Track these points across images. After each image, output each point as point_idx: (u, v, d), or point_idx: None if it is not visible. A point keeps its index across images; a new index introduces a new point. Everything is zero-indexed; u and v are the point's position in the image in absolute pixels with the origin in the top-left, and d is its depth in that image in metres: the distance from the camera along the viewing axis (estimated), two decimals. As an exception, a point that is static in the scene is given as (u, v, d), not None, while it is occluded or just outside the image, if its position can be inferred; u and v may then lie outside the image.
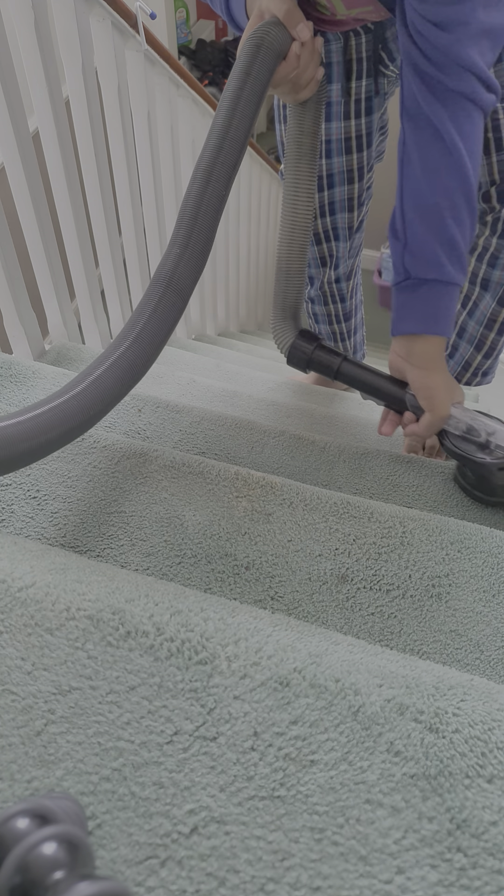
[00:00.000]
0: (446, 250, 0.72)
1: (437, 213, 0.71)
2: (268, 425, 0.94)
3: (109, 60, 1.29)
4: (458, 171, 0.69)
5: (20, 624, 0.42)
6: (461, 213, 0.71)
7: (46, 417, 0.56)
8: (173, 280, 0.67)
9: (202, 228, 0.68)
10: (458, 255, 0.72)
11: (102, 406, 0.61)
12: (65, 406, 0.58)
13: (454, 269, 0.73)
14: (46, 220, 1.17)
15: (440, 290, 0.74)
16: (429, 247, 0.72)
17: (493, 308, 0.92)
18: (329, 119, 0.95)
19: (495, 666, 0.60)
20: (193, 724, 0.39)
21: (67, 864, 0.28)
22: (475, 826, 0.35)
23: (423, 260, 0.72)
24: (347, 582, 0.65)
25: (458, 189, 0.70)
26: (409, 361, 0.78)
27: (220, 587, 0.64)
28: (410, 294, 0.74)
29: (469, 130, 0.68)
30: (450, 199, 0.70)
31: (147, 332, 0.65)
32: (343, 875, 0.34)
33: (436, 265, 0.72)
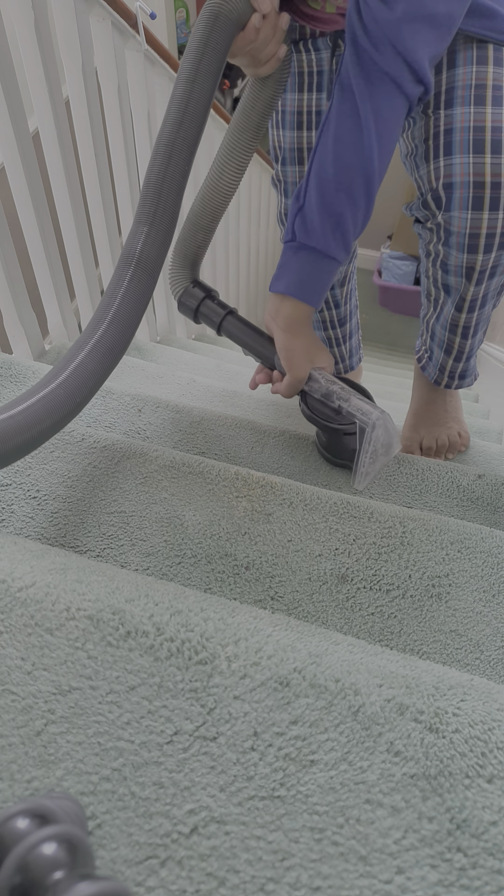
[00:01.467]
0: (331, 224, 0.73)
1: (333, 185, 0.71)
2: (268, 425, 0.94)
3: (109, 60, 1.29)
4: (362, 150, 0.69)
5: (20, 624, 0.42)
6: (356, 194, 0.71)
7: (37, 409, 0.56)
8: (142, 259, 0.67)
9: (166, 204, 0.69)
10: (343, 232, 0.73)
11: (87, 392, 0.62)
12: (53, 395, 0.58)
13: (335, 244, 0.74)
14: (46, 220, 1.17)
15: (317, 259, 0.75)
16: (319, 216, 0.72)
17: (452, 314, 0.93)
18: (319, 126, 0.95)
19: (495, 666, 0.60)
20: (193, 724, 0.39)
21: (67, 864, 0.28)
22: (475, 826, 0.35)
23: (310, 226, 0.73)
24: (347, 582, 0.65)
25: (359, 169, 0.70)
26: (275, 322, 0.81)
27: (220, 587, 0.64)
28: (292, 255, 0.76)
29: (387, 115, 0.68)
30: (348, 175, 0.70)
31: (121, 312, 0.65)
32: (343, 875, 0.34)
33: (319, 235, 0.73)
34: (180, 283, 0.91)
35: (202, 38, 0.67)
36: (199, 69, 0.67)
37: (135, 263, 0.67)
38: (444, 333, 0.97)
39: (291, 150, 0.98)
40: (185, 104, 0.68)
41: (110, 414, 0.95)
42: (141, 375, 1.21)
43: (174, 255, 0.92)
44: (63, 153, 1.18)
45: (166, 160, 0.68)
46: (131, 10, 1.30)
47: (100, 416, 0.95)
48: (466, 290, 0.87)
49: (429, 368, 1.06)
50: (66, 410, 0.59)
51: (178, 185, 0.69)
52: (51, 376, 0.60)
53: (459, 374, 1.04)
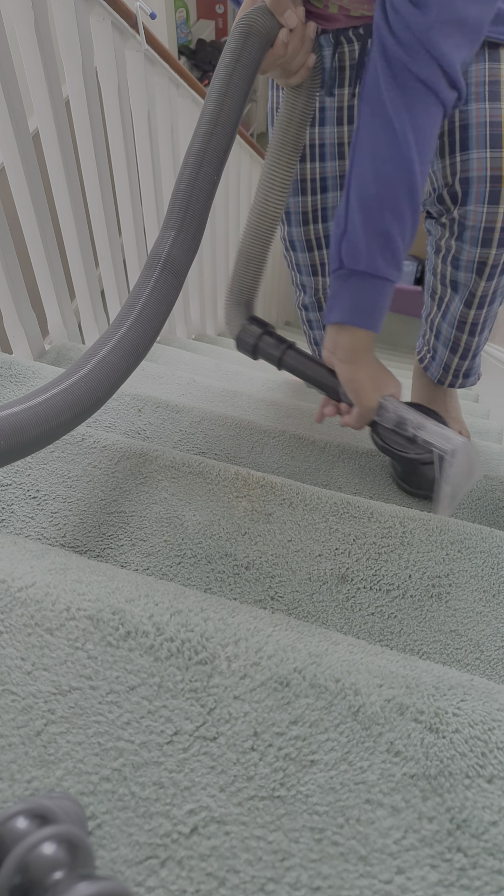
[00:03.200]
0: (380, 243, 0.71)
1: (376, 203, 0.69)
2: (268, 425, 0.94)
3: (109, 60, 1.29)
4: (404, 163, 0.68)
5: (20, 624, 0.42)
6: (401, 208, 0.70)
7: (57, 401, 0.56)
8: (168, 261, 0.67)
9: (194, 212, 0.69)
10: (392, 250, 0.71)
11: (109, 387, 0.61)
12: (74, 388, 0.58)
13: (385, 264, 0.72)
14: (46, 220, 1.17)
15: (369, 282, 0.73)
16: (363, 238, 0.71)
17: (461, 310, 0.92)
18: (323, 124, 0.95)
19: (495, 666, 0.60)
20: (193, 724, 0.39)
21: (67, 864, 0.28)
22: (475, 826, 0.35)
23: (356, 250, 0.72)
24: (347, 582, 0.65)
25: (402, 182, 0.69)
26: (335, 355, 0.79)
27: (220, 587, 0.64)
28: (341, 283, 0.74)
29: (423, 124, 0.67)
30: (392, 191, 0.69)
31: (147, 311, 0.65)
32: (343, 875, 0.34)
33: (367, 257, 0.71)
34: (236, 321, 0.89)
35: (234, 54, 0.68)
36: (230, 84, 0.68)
37: (161, 265, 0.67)
38: (451, 331, 0.97)
39: None
40: (216, 117, 0.68)
41: (110, 414, 0.95)
42: (141, 375, 1.21)
43: (228, 293, 0.90)
44: (63, 153, 1.18)
45: (196, 169, 0.69)
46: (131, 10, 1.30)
47: (100, 416, 0.95)
48: (477, 286, 0.87)
49: (432, 368, 1.06)
50: (87, 404, 0.59)
51: (206, 193, 0.70)
52: (73, 369, 0.60)
53: (464, 373, 1.04)
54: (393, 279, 0.74)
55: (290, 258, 1.13)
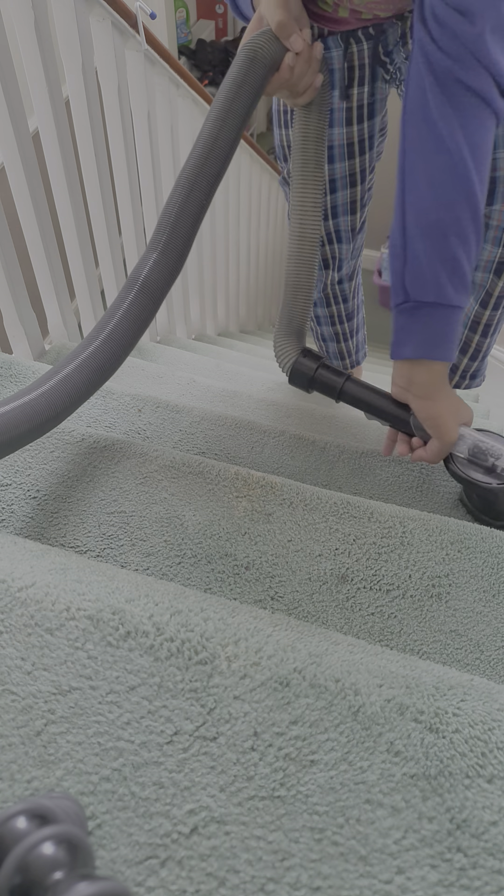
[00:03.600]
0: (448, 271, 0.68)
1: (439, 230, 0.66)
2: (268, 425, 0.94)
3: (109, 60, 1.29)
4: (464, 185, 0.65)
5: (20, 624, 0.42)
6: (466, 231, 0.67)
7: (14, 415, 0.58)
8: (146, 284, 0.67)
9: (179, 235, 0.69)
10: (461, 275, 0.68)
11: (70, 403, 0.62)
12: (34, 403, 0.60)
13: (455, 292, 0.69)
14: (46, 220, 1.17)
15: (440, 313, 0.70)
16: (429, 267, 0.68)
17: (475, 310, 0.92)
18: (331, 125, 0.94)
19: (495, 666, 0.60)
20: (193, 724, 0.39)
21: (67, 864, 0.28)
22: (475, 826, 0.35)
23: (422, 281, 0.68)
24: (347, 582, 0.65)
25: (464, 204, 0.66)
26: (411, 391, 0.75)
27: (220, 587, 0.64)
28: (409, 317, 0.71)
29: (479, 140, 0.65)
30: (454, 215, 0.66)
31: (117, 332, 0.66)
32: (343, 875, 0.34)
33: (435, 286, 0.68)
34: (288, 354, 0.85)
35: (237, 79, 0.68)
36: (230, 109, 0.68)
37: (138, 288, 0.67)
38: (464, 331, 0.96)
39: None
40: (213, 142, 0.68)
41: (110, 414, 0.95)
42: (141, 375, 1.21)
43: (279, 324, 0.88)
44: (63, 153, 1.18)
45: (186, 193, 0.68)
46: (131, 10, 1.30)
47: (100, 416, 0.95)
48: (494, 286, 0.86)
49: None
50: (45, 418, 0.60)
51: (194, 217, 0.69)
52: (36, 384, 0.62)
53: (472, 374, 1.04)
54: (464, 306, 0.70)
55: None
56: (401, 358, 0.73)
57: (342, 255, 1.12)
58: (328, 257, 1.12)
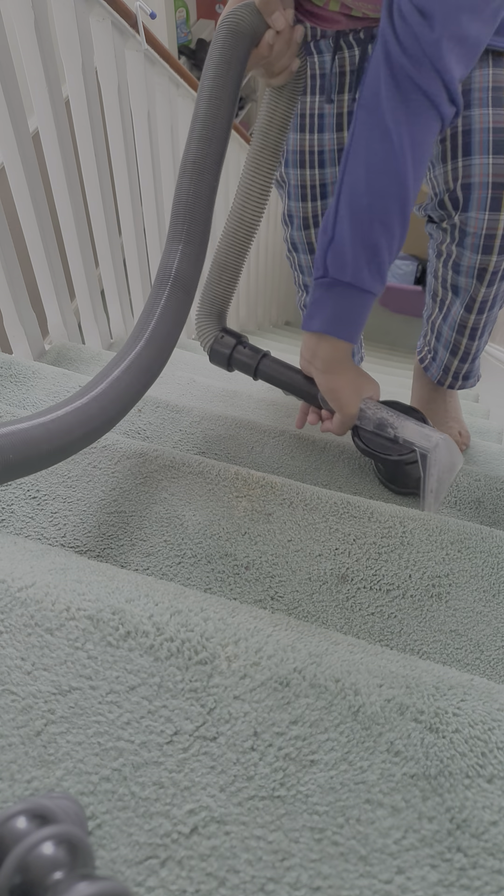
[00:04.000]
0: (367, 255, 0.70)
1: (367, 215, 0.68)
2: (268, 425, 0.94)
3: (109, 60, 1.29)
4: (398, 177, 0.66)
5: (20, 624, 0.42)
6: (391, 221, 0.68)
7: (69, 419, 0.57)
8: (178, 276, 0.67)
9: (198, 222, 0.68)
10: (379, 262, 0.70)
11: (121, 407, 0.62)
12: (86, 408, 0.58)
13: (371, 277, 0.70)
14: (46, 220, 1.17)
15: (352, 294, 0.72)
16: (352, 248, 0.69)
17: (461, 314, 0.92)
18: (322, 130, 0.95)
19: (495, 666, 0.60)
20: (193, 724, 0.39)
21: (67, 864, 0.28)
22: (475, 826, 0.35)
23: (342, 260, 0.70)
24: (347, 582, 0.65)
25: (395, 195, 0.67)
26: (314, 364, 0.78)
27: (220, 587, 0.64)
28: (324, 292, 0.73)
29: (421, 139, 0.66)
30: (384, 203, 0.68)
31: (159, 330, 0.65)
32: (343, 875, 0.34)
33: (353, 268, 0.70)
34: (209, 332, 0.88)
35: (221, 55, 0.67)
36: (221, 86, 0.67)
37: (172, 281, 0.67)
38: (451, 334, 0.97)
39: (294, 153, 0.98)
40: (212, 121, 0.68)
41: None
42: (141, 375, 1.21)
43: (200, 304, 0.89)
44: (63, 153, 1.18)
45: (196, 177, 0.68)
46: (131, 10, 1.30)
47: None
48: (477, 292, 0.87)
49: (432, 369, 1.06)
50: (98, 423, 0.59)
51: (208, 200, 0.69)
52: (86, 389, 0.60)
53: (464, 375, 1.04)
54: (376, 293, 0.73)
55: (293, 259, 1.14)
56: (309, 329, 0.76)
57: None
58: None
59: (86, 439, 0.58)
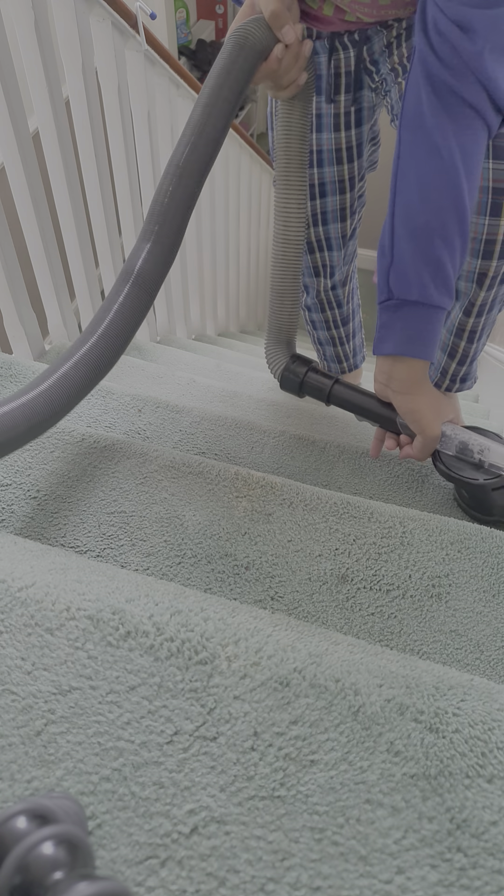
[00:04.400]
0: (431, 272, 0.69)
1: (426, 232, 0.68)
2: (268, 425, 0.94)
3: (109, 60, 1.29)
4: (453, 191, 0.66)
5: (20, 624, 0.42)
6: (451, 236, 0.68)
7: (14, 415, 0.58)
8: (140, 275, 0.67)
9: (171, 224, 0.69)
10: (444, 277, 0.70)
11: (68, 402, 0.63)
12: (32, 403, 0.60)
13: (438, 293, 0.70)
14: (46, 220, 1.17)
15: (422, 312, 0.71)
16: (414, 267, 0.69)
17: (460, 318, 0.92)
18: (319, 129, 0.95)
19: (495, 666, 0.60)
20: (193, 724, 0.39)
21: (67, 864, 0.28)
22: (475, 826, 0.35)
23: (406, 280, 0.70)
24: (347, 582, 0.65)
25: (451, 210, 0.67)
26: (391, 387, 0.76)
27: (220, 587, 0.64)
28: (392, 314, 0.72)
29: (471, 150, 0.66)
30: (441, 219, 0.68)
31: (113, 327, 0.65)
32: (343, 875, 0.34)
33: (419, 286, 0.70)
34: (278, 359, 0.87)
35: (225, 65, 0.67)
36: (219, 96, 0.67)
37: (133, 280, 0.67)
38: (450, 337, 0.97)
39: None
40: (201, 128, 0.67)
41: (110, 414, 0.95)
42: (141, 375, 1.21)
43: (268, 333, 0.89)
44: (63, 153, 1.18)
45: (175, 181, 0.68)
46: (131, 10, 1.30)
47: (100, 416, 0.95)
48: (476, 296, 0.87)
49: (430, 371, 1.06)
50: (45, 417, 0.60)
51: (185, 206, 0.69)
52: (34, 384, 0.62)
53: (461, 378, 1.04)
54: (445, 307, 0.72)
55: None
56: (382, 354, 0.75)
57: (333, 263, 1.13)
58: (319, 265, 1.12)
59: (30, 434, 0.60)
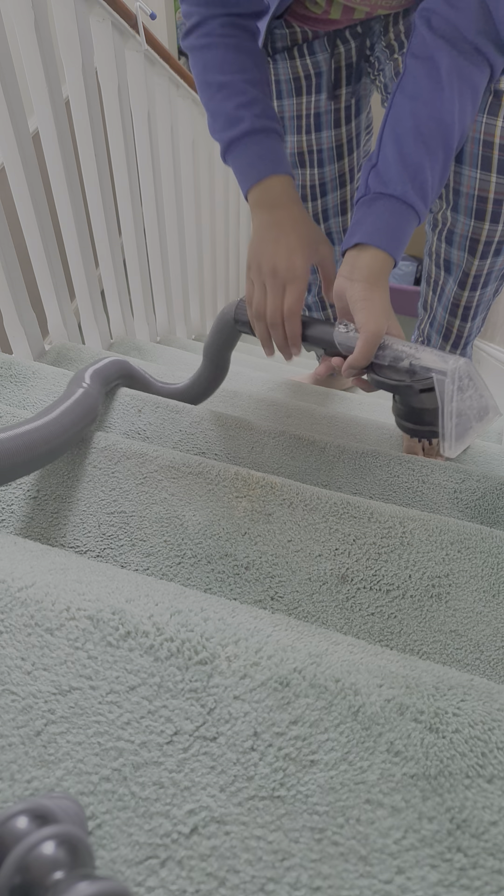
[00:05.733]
0: (410, 173, 0.70)
1: (409, 136, 0.69)
2: (268, 425, 0.94)
3: (109, 60, 1.29)
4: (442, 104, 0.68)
5: (20, 624, 0.42)
6: (434, 145, 0.69)
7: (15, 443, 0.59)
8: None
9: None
10: (422, 181, 0.70)
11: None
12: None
13: (413, 192, 0.70)
14: (46, 220, 1.17)
15: (396, 206, 0.71)
16: (395, 166, 0.70)
17: (455, 292, 0.92)
18: (319, 129, 0.94)
19: (495, 666, 0.60)
20: (193, 724, 0.39)
21: (67, 864, 0.28)
22: (475, 826, 0.35)
23: (386, 176, 0.71)
24: (347, 582, 0.65)
25: (437, 120, 0.68)
26: (352, 277, 0.74)
27: (220, 587, 0.64)
28: (366, 209, 0.72)
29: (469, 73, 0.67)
30: (426, 126, 0.69)
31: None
32: (343, 875, 0.34)
33: (397, 182, 0.70)
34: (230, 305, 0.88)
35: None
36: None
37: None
38: (445, 315, 0.97)
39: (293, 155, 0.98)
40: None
41: (110, 414, 0.95)
42: (141, 375, 1.21)
43: None
44: (63, 153, 1.18)
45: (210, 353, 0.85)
46: (131, 11, 1.30)
47: (100, 416, 0.95)
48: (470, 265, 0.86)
49: None
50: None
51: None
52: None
53: None
54: (419, 211, 0.72)
55: None
56: (349, 245, 0.74)
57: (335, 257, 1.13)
58: None
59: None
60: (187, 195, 1.91)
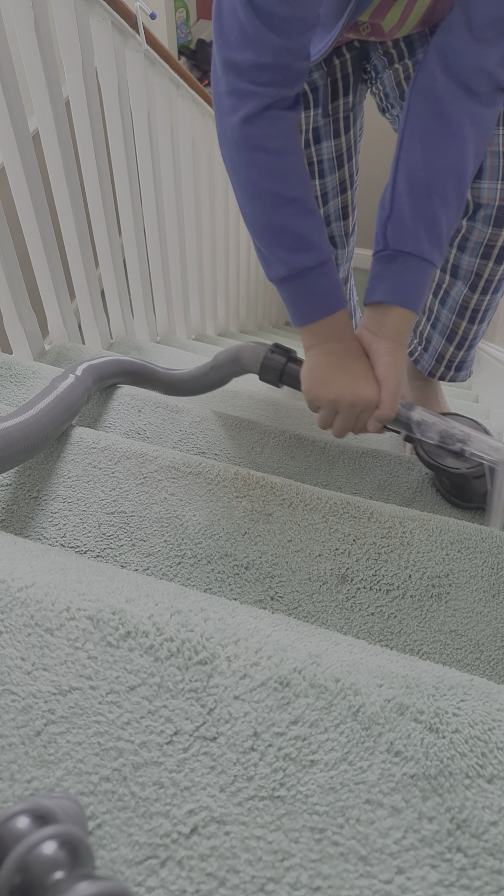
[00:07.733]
0: (426, 227, 0.71)
1: (424, 188, 0.70)
2: (268, 425, 0.94)
3: (109, 60, 1.29)
4: (456, 154, 0.68)
5: (20, 624, 0.42)
6: (448, 195, 0.70)
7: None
8: None
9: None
10: (438, 234, 0.72)
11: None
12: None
13: (431, 248, 0.72)
14: (46, 220, 1.17)
15: (415, 264, 0.73)
16: (410, 220, 0.71)
17: (464, 294, 0.92)
18: (319, 140, 0.94)
19: (495, 666, 0.60)
20: (193, 724, 0.39)
21: (67, 864, 0.28)
22: (475, 826, 0.35)
23: (402, 232, 0.72)
24: (347, 582, 0.65)
25: (451, 171, 0.69)
26: (379, 333, 0.76)
27: (220, 587, 0.64)
28: (386, 265, 0.74)
29: (482, 117, 0.68)
30: (441, 178, 0.70)
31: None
32: (343, 875, 0.34)
33: (413, 239, 0.71)
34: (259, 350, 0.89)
35: None
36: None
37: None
38: (451, 317, 0.96)
39: None
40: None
41: (110, 414, 0.95)
42: (141, 375, 1.21)
43: None
44: (63, 153, 1.18)
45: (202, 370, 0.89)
46: (131, 10, 1.30)
47: (100, 416, 0.95)
48: (484, 268, 0.86)
49: (423, 360, 1.05)
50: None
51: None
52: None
53: (457, 366, 1.03)
54: (436, 263, 0.74)
55: None
56: (373, 301, 0.76)
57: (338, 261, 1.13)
58: None
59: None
60: (187, 195, 1.91)
